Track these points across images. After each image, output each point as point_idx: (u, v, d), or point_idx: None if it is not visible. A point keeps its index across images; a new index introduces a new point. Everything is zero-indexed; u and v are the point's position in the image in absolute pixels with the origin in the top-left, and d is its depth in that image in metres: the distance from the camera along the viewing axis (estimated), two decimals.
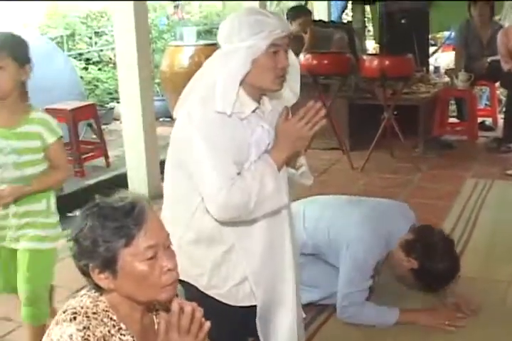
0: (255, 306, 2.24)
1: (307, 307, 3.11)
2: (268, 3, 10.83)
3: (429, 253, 3.04)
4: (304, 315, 2.48)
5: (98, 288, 1.58)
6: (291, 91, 2.25)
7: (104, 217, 1.52)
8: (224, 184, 2.00)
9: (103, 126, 6.81)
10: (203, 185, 2.06)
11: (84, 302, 1.57)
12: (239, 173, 2.06)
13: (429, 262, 3.03)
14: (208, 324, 1.57)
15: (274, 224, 2.20)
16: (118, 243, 1.51)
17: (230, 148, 2.05)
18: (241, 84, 2.08)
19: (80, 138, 6.06)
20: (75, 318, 1.53)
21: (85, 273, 1.56)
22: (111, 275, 1.54)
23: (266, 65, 2.07)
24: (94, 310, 1.56)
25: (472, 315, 3.18)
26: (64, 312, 1.55)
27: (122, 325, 1.58)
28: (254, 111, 2.13)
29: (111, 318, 1.57)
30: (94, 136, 6.61)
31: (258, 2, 6.34)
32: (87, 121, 6.46)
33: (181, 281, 2.17)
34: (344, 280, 3.10)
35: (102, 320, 1.55)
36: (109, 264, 1.52)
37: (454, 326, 3.10)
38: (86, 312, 1.55)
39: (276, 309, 2.27)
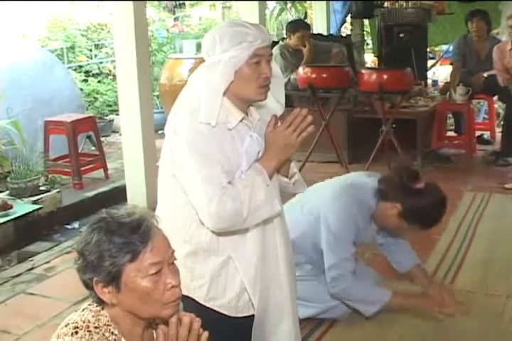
0: (254, 316, 2.24)
1: (304, 321, 3.11)
2: (267, 16, 10.92)
3: (402, 188, 2.96)
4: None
5: (100, 302, 1.59)
6: (277, 102, 2.28)
7: (111, 232, 1.53)
8: (215, 193, 2.01)
9: (102, 138, 6.83)
10: (194, 196, 2.07)
11: (86, 317, 1.58)
12: (230, 183, 2.07)
13: (408, 197, 2.95)
14: (205, 334, 1.57)
15: (266, 233, 2.21)
16: (123, 259, 1.52)
17: (219, 158, 2.06)
18: (226, 95, 2.11)
19: (79, 151, 6.07)
20: (76, 332, 1.53)
21: (89, 286, 1.57)
22: (114, 290, 1.54)
23: (248, 75, 2.09)
24: (96, 325, 1.56)
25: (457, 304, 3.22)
26: (66, 326, 1.56)
27: (123, 340, 1.58)
28: (241, 121, 2.15)
29: (112, 333, 1.57)
30: (94, 148, 6.63)
31: (258, 12, 6.40)
32: (87, 133, 6.48)
33: None
34: (327, 252, 3.06)
35: (103, 335, 1.55)
36: (114, 279, 1.53)
37: (444, 313, 3.11)
38: (88, 327, 1.55)
39: (274, 317, 2.27)
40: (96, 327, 1.56)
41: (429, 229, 3.14)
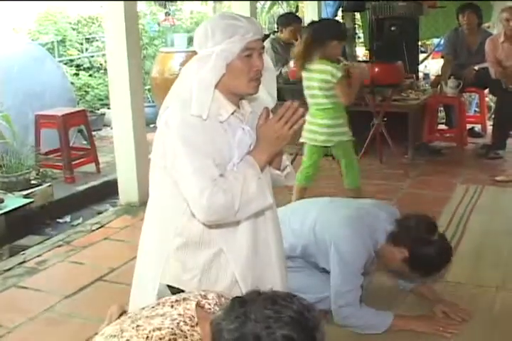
0: None
1: None
2: (259, 10, 10.89)
3: (416, 237, 2.99)
4: None
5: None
6: (269, 94, 2.28)
7: None
8: (206, 186, 2.01)
9: (94, 132, 6.81)
10: (185, 188, 2.07)
11: (183, 327, 1.58)
12: (222, 175, 2.07)
13: (418, 246, 2.98)
14: None
15: (258, 225, 2.21)
16: None
17: (211, 150, 2.06)
18: (217, 88, 2.10)
19: (71, 144, 6.06)
20: (175, 339, 1.55)
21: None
22: None
23: (240, 68, 2.09)
24: (190, 339, 1.57)
25: (462, 322, 3.19)
26: (159, 330, 1.56)
27: None
28: (233, 114, 2.15)
29: None
30: (85, 142, 6.62)
31: (249, 6, 6.40)
32: (78, 127, 6.47)
33: (171, 287, 2.18)
34: (335, 279, 3.08)
35: None
36: None
37: (447, 332, 3.11)
38: (186, 337, 1.56)
39: None
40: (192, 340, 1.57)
41: (428, 278, 3.21)
